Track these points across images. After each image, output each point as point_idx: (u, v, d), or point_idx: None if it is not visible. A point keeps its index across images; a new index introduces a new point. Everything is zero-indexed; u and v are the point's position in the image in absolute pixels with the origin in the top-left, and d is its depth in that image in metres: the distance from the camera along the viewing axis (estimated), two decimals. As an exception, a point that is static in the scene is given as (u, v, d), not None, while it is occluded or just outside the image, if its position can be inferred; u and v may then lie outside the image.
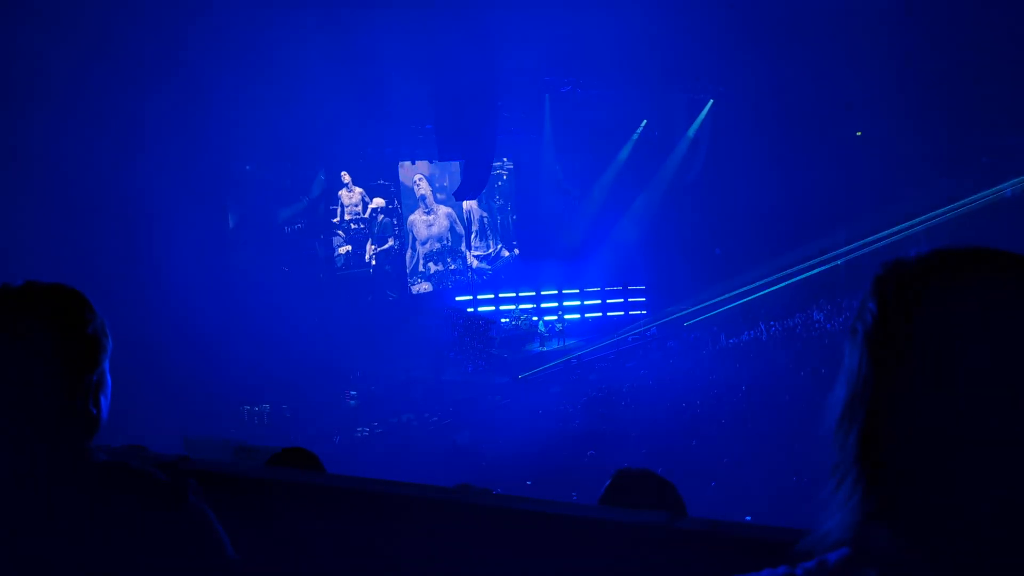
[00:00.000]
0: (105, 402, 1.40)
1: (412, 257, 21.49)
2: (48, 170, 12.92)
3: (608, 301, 21.74)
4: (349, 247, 20.39)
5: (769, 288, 19.42)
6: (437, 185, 21.42)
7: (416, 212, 21.40)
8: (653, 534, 1.51)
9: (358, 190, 20.46)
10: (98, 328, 1.39)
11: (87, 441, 1.35)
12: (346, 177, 20.26)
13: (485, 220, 22.51)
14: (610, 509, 1.77)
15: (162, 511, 1.27)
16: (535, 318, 20.35)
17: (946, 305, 0.81)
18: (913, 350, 0.81)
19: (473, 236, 22.35)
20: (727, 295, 19.78)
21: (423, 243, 21.54)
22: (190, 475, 1.34)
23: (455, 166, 20.23)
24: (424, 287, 21.42)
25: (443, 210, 21.65)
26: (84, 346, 1.36)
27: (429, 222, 21.57)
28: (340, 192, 20.22)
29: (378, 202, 20.72)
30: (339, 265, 20.25)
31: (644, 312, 21.30)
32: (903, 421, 0.82)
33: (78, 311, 1.38)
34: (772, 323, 18.34)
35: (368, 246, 20.69)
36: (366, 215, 20.65)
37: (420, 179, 21.26)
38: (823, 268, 19.55)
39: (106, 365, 1.40)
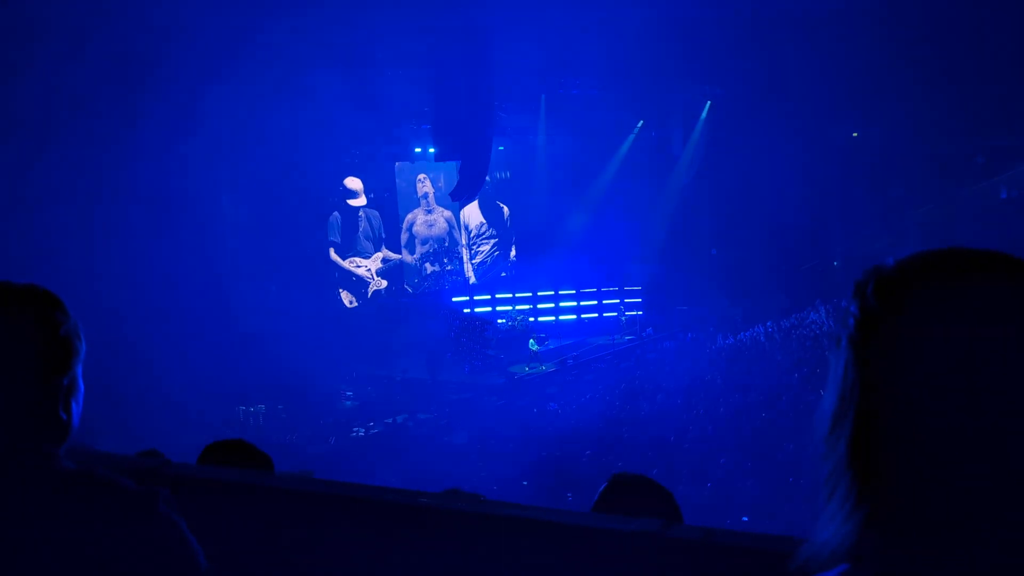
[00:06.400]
0: (76, 408, 1.34)
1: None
2: (42, 173, 12.87)
3: (604, 302, 21.71)
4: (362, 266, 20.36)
5: (766, 289, 19.40)
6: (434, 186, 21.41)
7: (416, 211, 21.31)
8: (646, 543, 1.48)
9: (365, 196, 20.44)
10: (71, 330, 1.34)
11: (55, 448, 1.29)
12: (353, 183, 20.10)
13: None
14: (602, 517, 1.73)
15: (128, 522, 1.21)
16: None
17: (927, 307, 0.81)
18: (897, 354, 0.81)
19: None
20: (724, 296, 19.78)
21: (423, 243, 21.46)
22: (164, 482, 1.28)
23: (452, 167, 20.21)
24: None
25: (444, 212, 21.58)
26: (55, 348, 1.30)
27: (430, 222, 21.49)
28: (349, 201, 20.14)
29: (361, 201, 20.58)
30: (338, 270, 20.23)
31: (640, 313, 21.28)
32: (891, 426, 0.81)
33: (50, 312, 1.32)
34: (768, 324, 18.32)
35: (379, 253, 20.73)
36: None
37: (423, 178, 21.18)
38: (820, 269, 19.56)
39: (78, 370, 1.34)
